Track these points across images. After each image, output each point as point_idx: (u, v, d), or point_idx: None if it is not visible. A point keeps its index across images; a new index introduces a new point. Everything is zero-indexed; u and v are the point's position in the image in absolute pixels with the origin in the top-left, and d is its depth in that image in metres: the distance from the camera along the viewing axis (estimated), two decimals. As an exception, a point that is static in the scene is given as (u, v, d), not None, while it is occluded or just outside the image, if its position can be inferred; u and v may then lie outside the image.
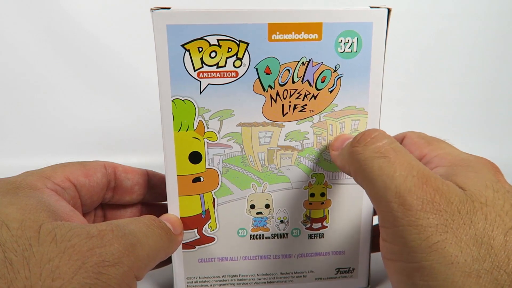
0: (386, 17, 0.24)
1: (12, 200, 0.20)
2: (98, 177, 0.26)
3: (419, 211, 0.18)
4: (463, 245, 0.17)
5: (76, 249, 0.18)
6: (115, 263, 0.19)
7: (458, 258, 0.17)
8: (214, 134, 0.25)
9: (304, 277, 0.28)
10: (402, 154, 0.20)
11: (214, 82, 0.24)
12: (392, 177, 0.19)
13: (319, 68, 0.24)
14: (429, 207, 0.18)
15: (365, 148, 0.20)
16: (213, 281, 0.28)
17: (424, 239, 0.17)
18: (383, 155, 0.20)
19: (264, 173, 0.26)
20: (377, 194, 0.19)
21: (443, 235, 0.17)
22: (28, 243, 0.17)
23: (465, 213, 0.18)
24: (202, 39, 0.23)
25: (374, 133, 0.21)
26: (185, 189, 0.26)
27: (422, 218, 0.18)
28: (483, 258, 0.17)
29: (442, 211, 0.18)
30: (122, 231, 0.20)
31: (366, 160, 0.20)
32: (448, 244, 0.17)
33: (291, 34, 0.23)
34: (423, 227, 0.18)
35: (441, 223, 0.18)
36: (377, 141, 0.20)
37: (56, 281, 0.17)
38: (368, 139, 0.20)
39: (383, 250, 0.20)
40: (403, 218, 0.18)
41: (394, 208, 0.18)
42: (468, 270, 0.17)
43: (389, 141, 0.20)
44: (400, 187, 0.18)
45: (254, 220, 0.27)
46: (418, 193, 0.18)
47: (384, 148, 0.20)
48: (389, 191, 0.19)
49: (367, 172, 0.20)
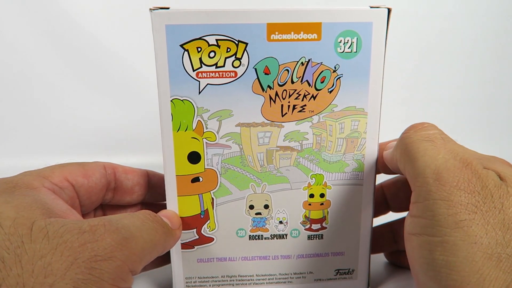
0: (386, 17, 0.24)
1: (8, 199, 0.20)
2: (97, 178, 0.26)
3: (453, 187, 0.18)
4: (490, 228, 0.18)
5: (68, 245, 0.18)
6: (108, 257, 0.19)
7: (482, 239, 0.17)
8: (213, 134, 0.25)
9: (303, 278, 0.28)
10: (450, 143, 0.21)
11: (213, 82, 0.24)
12: (435, 158, 0.20)
13: (318, 68, 0.24)
14: (463, 186, 0.18)
15: (415, 133, 0.21)
16: (212, 281, 0.28)
17: (452, 215, 0.18)
18: (430, 140, 0.21)
19: (263, 174, 0.26)
20: (416, 171, 0.20)
21: (471, 215, 0.18)
22: (21, 240, 0.17)
23: (497, 197, 0.18)
24: (201, 39, 0.23)
25: (425, 123, 0.22)
26: (184, 189, 0.26)
27: (454, 194, 0.18)
28: (507, 243, 0.17)
29: (475, 192, 0.18)
30: (114, 226, 0.20)
31: (414, 142, 0.21)
32: (474, 224, 0.18)
33: (290, 34, 0.23)
34: (453, 203, 0.18)
35: (471, 203, 0.18)
36: (428, 129, 0.21)
37: (48, 277, 0.17)
38: (420, 127, 0.21)
39: (408, 226, 0.20)
40: (436, 192, 0.19)
41: (429, 183, 0.19)
42: (490, 252, 0.17)
43: (439, 132, 0.22)
44: (440, 166, 0.19)
45: (253, 221, 0.27)
46: (456, 172, 0.19)
47: (433, 135, 0.21)
48: (429, 169, 0.19)
49: (412, 152, 0.21)
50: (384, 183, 0.32)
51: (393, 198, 0.31)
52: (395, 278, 0.31)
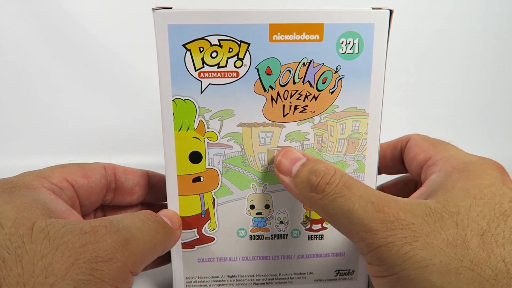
0: (388, 18, 0.24)
1: (7, 199, 0.20)
2: (97, 178, 0.26)
3: (385, 231, 0.19)
4: (436, 248, 0.18)
5: (69, 245, 0.18)
6: (109, 258, 0.19)
7: (433, 260, 0.18)
8: (215, 134, 0.25)
9: (303, 279, 0.28)
10: (356, 187, 0.21)
11: (215, 82, 0.24)
12: (353, 211, 0.20)
13: (320, 69, 0.24)
14: (394, 225, 0.19)
15: (323, 195, 0.21)
16: (212, 281, 0.28)
17: (395, 253, 0.18)
18: (339, 195, 0.21)
19: (264, 174, 0.26)
20: (345, 230, 0.21)
21: (413, 244, 0.18)
22: (21, 241, 0.18)
23: (433, 222, 0.19)
24: (203, 39, 0.23)
25: (327, 178, 0.21)
26: (185, 189, 0.26)
27: (389, 236, 0.19)
28: (460, 258, 0.18)
29: (408, 224, 0.19)
30: (115, 227, 0.20)
31: (327, 204, 0.21)
32: (419, 250, 0.18)
33: (292, 34, 0.23)
34: (393, 243, 0.19)
35: (409, 235, 0.19)
36: (332, 184, 0.21)
37: (49, 277, 0.17)
38: (324, 186, 0.21)
39: (368, 271, 0.21)
40: (374, 242, 0.19)
41: (363, 237, 0.20)
42: (446, 269, 0.18)
43: (339, 178, 0.21)
44: (362, 217, 0.20)
45: (254, 221, 0.27)
46: (380, 217, 0.19)
47: (338, 188, 0.21)
48: (354, 224, 0.20)
49: (331, 215, 0.21)
50: (385, 184, 0.32)
51: None
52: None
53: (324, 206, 0.21)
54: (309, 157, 0.24)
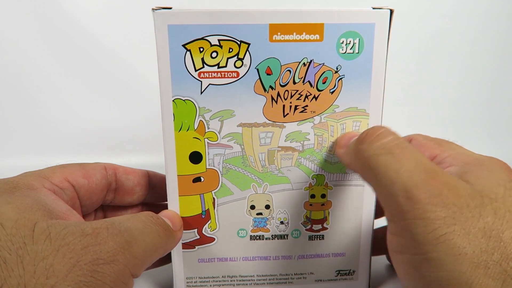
0: (389, 18, 0.24)
1: (8, 200, 0.20)
2: (97, 178, 0.26)
3: (426, 204, 0.18)
4: (472, 237, 0.17)
5: (71, 247, 0.18)
6: (110, 261, 0.19)
7: (466, 249, 0.17)
8: (215, 134, 0.25)
9: (304, 279, 0.28)
10: (408, 150, 0.20)
11: (215, 82, 0.24)
12: (399, 173, 0.19)
13: (320, 69, 0.24)
14: (436, 200, 0.18)
15: (370, 146, 0.20)
16: (212, 282, 0.28)
17: (431, 231, 0.17)
18: (388, 151, 0.20)
19: (265, 174, 0.26)
20: (383, 190, 0.19)
21: (450, 227, 0.17)
22: (22, 242, 0.17)
23: (473, 206, 0.18)
24: (203, 39, 0.23)
25: (379, 130, 0.21)
26: (185, 189, 0.26)
27: (429, 211, 0.18)
28: (492, 250, 0.17)
29: (450, 204, 0.18)
30: (117, 229, 0.20)
31: (372, 157, 0.20)
32: (456, 236, 0.17)
33: (293, 34, 0.23)
34: (430, 220, 0.18)
35: (449, 216, 0.18)
36: (382, 138, 0.20)
37: (50, 279, 0.17)
38: (373, 137, 0.20)
39: (390, 244, 0.20)
40: (410, 211, 0.18)
41: (401, 202, 0.18)
42: (476, 261, 0.17)
43: (394, 137, 0.20)
44: (407, 182, 0.18)
45: (254, 221, 0.27)
46: (425, 187, 0.18)
47: (389, 145, 0.20)
48: (396, 186, 0.19)
49: (373, 169, 0.20)
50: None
51: None
52: (396, 279, 0.31)
53: (369, 158, 0.20)
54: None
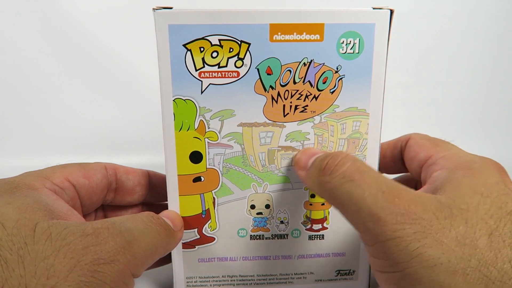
0: (389, 18, 0.24)
1: (9, 200, 0.20)
2: (98, 178, 0.26)
3: (394, 224, 0.18)
4: (445, 247, 0.17)
5: (71, 247, 0.18)
6: (111, 261, 0.19)
7: (441, 259, 0.17)
8: (215, 134, 0.25)
9: (304, 279, 0.28)
10: (368, 173, 0.20)
11: (215, 82, 0.24)
12: (362, 198, 0.19)
13: (320, 69, 0.24)
14: (404, 219, 0.18)
15: (331, 177, 0.20)
16: (212, 281, 0.28)
17: (403, 249, 0.18)
18: (349, 179, 0.20)
19: (265, 174, 0.26)
20: (352, 218, 0.20)
21: (422, 241, 0.18)
22: (23, 242, 0.17)
23: (443, 218, 0.18)
24: (203, 39, 0.23)
25: (337, 158, 0.21)
26: (186, 189, 0.26)
27: (398, 230, 0.18)
28: (468, 257, 0.17)
29: (418, 219, 0.18)
30: (117, 229, 0.20)
31: (335, 188, 0.20)
32: (428, 248, 0.17)
33: (293, 34, 0.23)
34: (401, 238, 0.18)
35: (419, 230, 0.18)
36: (342, 166, 0.20)
37: (50, 279, 0.17)
38: (333, 166, 0.20)
39: (372, 264, 0.20)
40: (380, 234, 0.18)
41: (370, 227, 0.19)
42: (453, 269, 0.17)
43: (352, 163, 0.20)
44: (371, 206, 0.19)
45: (254, 221, 0.27)
46: (390, 208, 0.18)
47: (349, 172, 0.20)
48: (362, 212, 0.19)
49: (338, 199, 0.20)
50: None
51: None
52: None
53: (332, 190, 0.20)
54: (328, 152, 0.23)
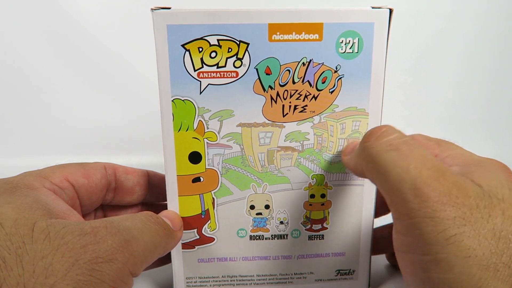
0: (388, 18, 0.24)
1: (8, 199, 0.20)
2: (97, 178, 0.26)
3: (436, 202, 0.17)
4: (481, 238, 0.17)
5: (70, 246, 0.18)
6: (109, 259, 0.19)
7: (476, 251, 0.17)
8: (214, 134, 0.25)
9: (304, 279, 0.28)
10: (415, 147, 0.20)
11: (214, 82, 0.24)
12: (407, 170, 0.18)
13: (319, 68, 0.24)
14: (446, 199, 0.17)
15: (376, 142, 0.20)
16: (212, 281, 0.28)
17: (441, 231, 0.17)
18: (395, 148, 0.19)
19: (264, 174, 0.26)
20: (391, 187, 0.19)
21: (461, 228, 0.17)
22: (22, 241, 0.17)
23: (483, 207, 0.18)
24: (202, 39, 0.23)
25: (383, 128, 0.21)
26: (185, 189, 0.26)
27: (439, 210, 0.17)
28: (501, 252, 0.17)
29: (459, 204, 0.17)
30: (116, 228, 0.20)
31: (379, 153, 0.20)
32: (466, 237, 0.17)
33: (292, 34, 0.23)
34: (440, 219, 0.17)
35: (459, 216, 0.17)
36: (388, 134, 0.20)
37: (49, 278, 0.17)
38: (379, 134, 0.20)
39: (396, 243, 0.19)
40: (419, 209, 0.18)
41: (409, 200, 0.18)
42: (486, 263, 0.17)
43: (400, 135, 0.20)
44: (415, 179, 0.18)
45: (254, 221, 0.27)
46: (434, 185, 0.18)
47: (396, 142, 0.20)
48: (404, 183, 0.18)
49: (380, 165, 0.19)
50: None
51: None
52: (396, 279, 0.31)
53: (375, 155, 0.20)
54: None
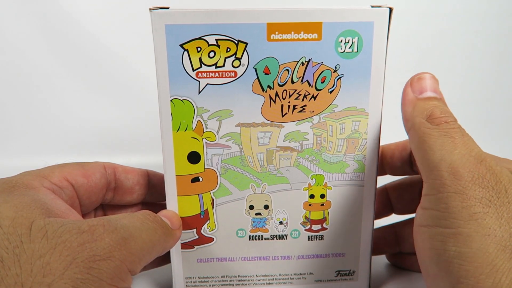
0: (388, 17, 0.23)
1: (7, 199, 0.20)
2: (97, 178, 0.26)
3: (468, 181, 0.19)
4: (503, 221, 0.18)
5: (67, 244, 0.18)
6: (106, 257, 0.19)
7: (496, 232, 0.18)
8: (213, 134, 0.25)
9: (303, 279, 0.28)
10: (467, 138, 0.21)
11: (212, 82, 0.24)
12: (451, 153, 0.20)
13: (318, 68, 0.24)
14: (478, 181, 0.19)
15: (436, 126, 0.21)
16: (212, 282, 0.28)
17: (466, 207, 0.18)
18: (450, 135, 0.21)
19: (263, 174, 0.26)
20: (431, 163, 0.20)
21: (485, 208, 0.18)
22: (19, 240, 0.17)
23: (511, 193, 0.19)
24: (200, 39, 0.23)
25: (449, 118, 0.22)
26: (184, 189, 0.26)
27: (469, 188, 0.19)
28: None
29: (489, 187, 0.19)
30: (113, 226, 0.20)
31: (432, 135, 0.21)
32: (488, 217, 0.18)
33: (291, 33, 0.23)
34: (468, 196, 0.19)
35: (485, 197, 0.19)
36: (449, 123, 0.21)
37: (47, 277, 0.17)
38: (441, 121, 0.21)
39: (419, 218, 0.21)
40: (451, 185, 0.19)
41: (444, 176, 0.19)
42: (503, 244, 0.18)
43: (456, 123, 0.22)
44: (456, 161, 0.20)
45: (253, 221, 0.27)
46: (471, 167, 0.19)
47: (452, 129, 0.21)
48: (444, 162, 0.20)
49: (429, 144, 0.21)
50: (388, 184, 0.32)
51: (398, 200, 0.31)
52: (396, 279, 0.31)
53: (430, 136, 0.21)
54: (443, 99, 0.24)
